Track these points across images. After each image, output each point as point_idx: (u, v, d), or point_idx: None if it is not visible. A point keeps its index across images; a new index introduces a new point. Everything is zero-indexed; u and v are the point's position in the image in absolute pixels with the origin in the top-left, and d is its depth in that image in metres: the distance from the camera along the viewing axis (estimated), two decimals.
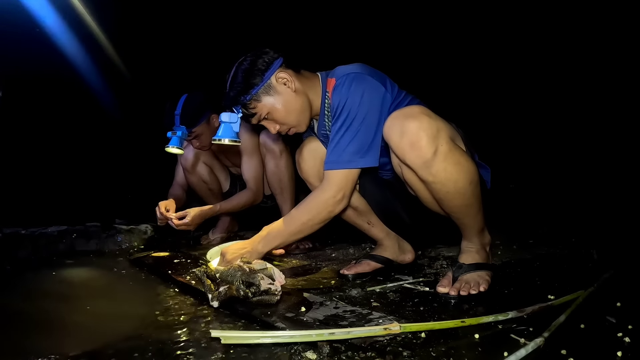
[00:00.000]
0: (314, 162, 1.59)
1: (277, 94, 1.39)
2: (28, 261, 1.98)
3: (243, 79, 1.38)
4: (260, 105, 1.40)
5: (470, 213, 1.32)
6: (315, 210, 1.38)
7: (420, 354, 0.91)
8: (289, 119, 1.43)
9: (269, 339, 0.94)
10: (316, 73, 1.49)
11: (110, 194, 3.65)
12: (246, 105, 1.40)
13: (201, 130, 2.22)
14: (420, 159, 1.21)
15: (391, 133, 1.26)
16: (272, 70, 1.39)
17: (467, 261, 1.37)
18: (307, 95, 1.43)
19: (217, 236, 2.45)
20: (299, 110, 1.43)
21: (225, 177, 2.53)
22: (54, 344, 1.04)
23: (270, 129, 1.46)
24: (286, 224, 1.42)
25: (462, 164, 1.24)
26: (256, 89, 1.38)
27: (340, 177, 1.35)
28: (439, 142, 1.20)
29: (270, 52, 1.41)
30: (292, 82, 1.40)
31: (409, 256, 1.72)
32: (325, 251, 2.07)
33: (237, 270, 1.29)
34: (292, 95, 1.40)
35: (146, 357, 0.95)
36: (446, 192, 1.26)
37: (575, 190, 3.44)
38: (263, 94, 1.39)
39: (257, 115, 1.42)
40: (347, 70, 1.39)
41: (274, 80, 1.39)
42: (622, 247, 1.88)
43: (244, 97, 1.39)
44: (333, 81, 1.40)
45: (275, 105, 1.40)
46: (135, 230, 2.27)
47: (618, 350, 0.88)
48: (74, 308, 1.32)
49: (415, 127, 1.20)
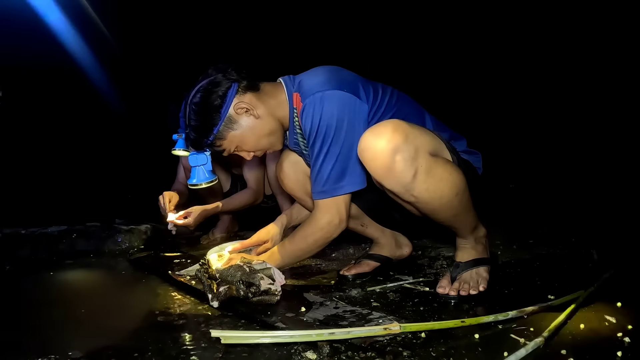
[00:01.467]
0: (296, 176, 1.52)
1: (240, 126, 1.31)
2: (28, 261, 1.98)
3: (199, 121, 1.29)
4: (226, 143, 1.33)
5: (460, 220, 1.28)
6: (312, 239, 1.36)
7: (420, 354, 0.91)
8: (261, 145, 1.36)
9: (269, 339, 0.94)
10: (279, 82, 1.38)
11: (110, 194, 3.65)
12: (212, 145, 1.34)
13: None
14: (399, 184, 1.14)
15: (365, 157, 1.15)
16: (229, 102, 1.29)
17: (463, 259, 1.35)
18: (273, 115, 1.34)
19: (217, 236, 2.45)
20: (268, 134, 1.35)
21: (225, 177, 2.53)
22: (54, 344, 1.04)
23: (245, 157, 1.39)
24: (287, 247, 1.41)
25: (445, 178, 1.17)
26: (216, 128, 1.29)
27: (331, 205, 1.31)
28: (417, 162, 1.12)
29: (223, 81, 1.30)
30: (254, 109, 1.30)
31: (406, 250, 1.72)
32: (325, 251, 2.07)
33: (237, 270, 1.29)
34: (257, 122, 1.31)
35: (146, 357, 0.95)
36: (432, 209, 1.21)
37: (575, 190, 3.44)
38: (226, 131, 1.30)
39: (226, 150, 1.36)
40: (312, 85, 1.27)
41: (233, 113, 1.29)
42: (622, 247, 1.87)
43: (206, 139, 1.31)
44: (298, 98, 1.30)
45: (243, 137, 1.32)
46: (135, 230, 2.27)
47: (618, 350, 0.88)
48: (73, 308, 1.32)
49: (390, 150, 1.09)
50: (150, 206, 2.12)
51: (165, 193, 2.09)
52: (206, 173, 1.47)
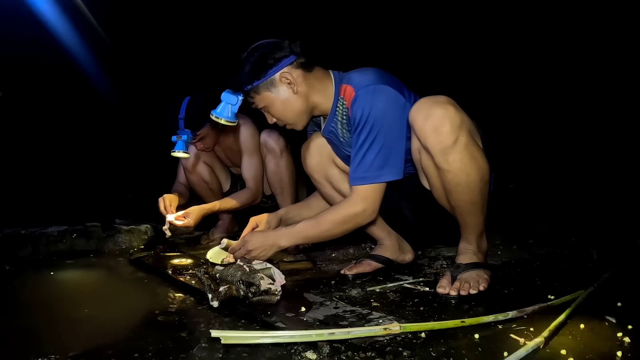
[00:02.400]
0: (320, 158, 1.60)
1: (277, 92, 1.40)
2: (28, 261, 1.98)
3: (249, 70, 1.38)
4: (258, 98, 1.42)
5: (475, 212, 1.33)
6: (342, 223, 1.40)
7: (420, 354, 0.91)
8: (285, 117, 1.45)
9: (269, 339, 0.94)
10: (329, 72, 1.47)
11: (110, 194, 3.65)
12: (247, 93, 1.43)
13: (205, 132, 2.22)
14: (441, 144, 1.24)
15: (417, 116, 1.27)
16: (279, 68, 1.38)
17: (464, 261, 1.37)
18: (309, 98, 1.43)
19: (217, 236, 2.45)
20: (296, 112, 1.43)
21: (225, 177, 2.53)
22: (54, 344, 1.04)
23: (267, 119, 1.49)
24: (310, 227, 1.43)
25: (477, 159, 1.27)
26: (257, 82, 1.38)
27: (369, 192, 1.36)
28: (460, 132, 1.23)
29: (285, 49, 1.39)
30: (295, 85, 1.39)
31: (408, 256, 1.73)
32: (325, 251, 2.07)
33: (237, 270, 1.29)
34: (292, 96, 1.40)
35: (146, 357, 0.95)
36: (457, 183, 1.27)
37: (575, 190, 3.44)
38: (263, 89, 1.40)
39: (254, 105, 1.45)
40: (365, 79, 1.37)
41: (277, 78, 1.39)
42: (622, 247, 1.87)
43: (245, 86, 1.40)
44: (349, 89, 1.39)
45: (274, 101, 1.41)
46: (135, 230, 2.27)
47: (618, 350, 0.88)
48: (73, 308, 1.32)
49: (441, 113, 1.23)
50: (150, 206, 2.12)
51: (165, 196, 2.09)
52: (230, 112, 1.51)
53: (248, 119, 2.37)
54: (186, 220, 2.01)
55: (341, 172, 1.60)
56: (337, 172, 1.60)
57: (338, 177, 1.60)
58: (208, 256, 1.75)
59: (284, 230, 1.46)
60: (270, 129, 2.31)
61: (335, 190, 1.61)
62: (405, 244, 1.73)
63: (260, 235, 1.46)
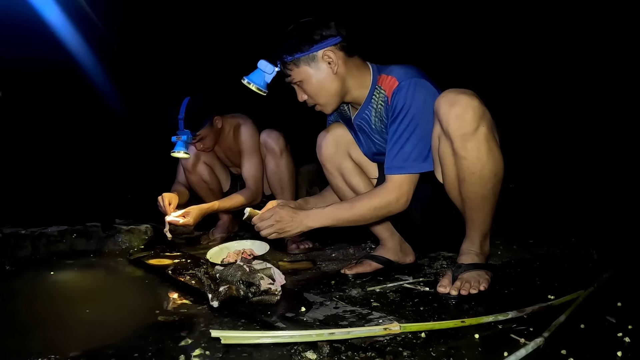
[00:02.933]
0: (336, 149, 1.60)
1: (316, 68, 1.40)
2: (28, 261, 1.98)
3: (293, 41, 1.39)
4: (296, 71, 1.41)
5: (484, 207, 1.34)
6: (376, 209, 1.39)
7: (420, 354, 0.91)
8: (318, 96, 1.45)
9: (269, 339, 0.94)
10: (366, 63, 1.49)
11: (110, 194, 3.65)
12: (285, 64, 1.42)
13: (205, 133, 2.22)
14: (462, 129, 1.26)
15: (442, 102, 1.30)
16: (324, 45, 1.38)
17: (466, 261, 1.37)
18: (345, 82, 1.44)
19: (217, 236, 2.45)
20: (330, 93, 1.44)
21: (225, 177, 2.53)
22: (54, 344, 1.04)
23: (299, 96, 1.48)
24: (343, 209, 1.42)
25: (495, 153, 1.30)
26: (299, 55, 1.38)
27: (405, 182, 1.38)
28: (482, 122, 1.26)
29: (333, 29, 1.40)
30: (336, 65, 1.40)
31: (409, 258, 1.73)
32: (325, 251, 2.07)
33: (237, 270, 1.29)
34: (330, 76, 1.41)
35: (146, 357, 0.95)
36: (472, 172, 1.29)
37: (575, 190, 3.44)
38: (304, 62, 1.40)
39: (289, 78, 1.44)
40: (408, 72, 1.41)
41: (319, 55, 1.39)
42: (622, 247, 1.87)
43: (285, 56, 1.40)
44: (390, 79, 1.42)
45: (311, 78, 1.41)
46: (135, 230, 2.27)
47: (618, 350, 0.88)
48: (73, 308, 1.32)
49: (466, 102, 1.26)
50: (150, 206, 2.12)
51: (165, 195, 2.09)
52: (262, 81, 1.49)
53: (248, 119, 2.37)
54: (186, 219, 2.00)
55: (354, 166, 1.61)
56: (351, 165, 1.61)
57: (351, 171, 1.60)
58: (208, 256, 1.75)
59: (312, 211, 1.44)
60: (270, 129, 2.31)
61: (346, 183, 1.61)
62: (406, 246, 1.73)
63: (289, 210, 1.41)
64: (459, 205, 1.40)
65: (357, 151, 1.62)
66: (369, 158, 1.62)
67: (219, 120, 2.27)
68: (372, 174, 1.66)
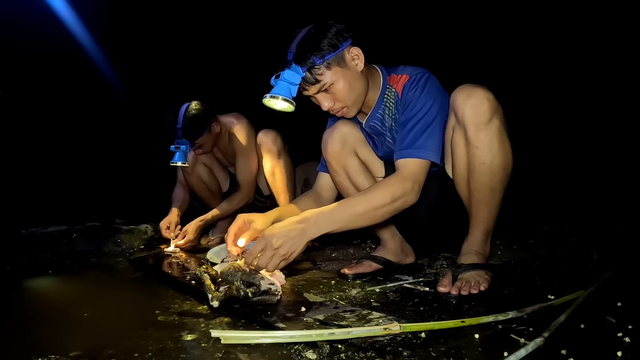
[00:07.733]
0: (342, 146, 1.57)
1: (346, 67, 1.36)
2: (28, 261, 1.98)
3: (320, 40, 1.32)
4: (328, 74, 1.33)
5: (490, 201, 1.34)
6: (390, 197, 1.27)
7: (420, 354, 0.91)
8: (348, 97, 1.38)
9: (269, 339, 0.94)
10: (373, 65, 1.49)
11: (110, 194, 3.65)
12: (313, 69, 1.31)
13: (204, 140, 2.22)
14: (477, 118, 1.29)
15: (459, 94, 1.33)
16: (345, 45, 1.36)
17: (466, 261, 1.37)
18: (367, 79, 1.44)
19: (217, 236, 2.46)
20: (360, 92, 1.41)
21: (224, 177, 2.53)
22: (54, 344, 1.04)
23: (323, 104, 1.39)
24: (358, 202, 1.27)
25: (506, 146, 1.32)
26: (330, 55, 1.32)
27: (416, 168, 1.33)
28: (495, 115, 1.30)
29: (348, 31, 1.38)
30: (362, 62, 1.39)
31: (410, 259, 1.73)
32: (325, 251, 2.07)
33: (237, 270, 1.29)
34: (357, 74, 1.39)
35: (146, 357, 0.95)
36: (482, 162, 1.31)
37: (575, 190, 3.44)
38: (334, 63, 1.33)
39: (319, 84, 1.34)
40: (417, 69, 1.44)
41: (347, 54, 1.36)
42: (622, 247, 1.87)
43: (315, 58, 1.31)
44: (399, 77, 1.44)
45: (341, 78, 1.35)
46: (135, 230, 2.27)
47: (618, 350, 0.88)
48: (73, 308, 1.32)
49: (482, 94, 1.30)
50: (150, 206, 2.13)
51: (162, 224, 2.19)
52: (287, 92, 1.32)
53: (242, 118, 2.36)
54: (187, 238, 2.11)
55: (360, 164, 1.59)
56: (357, 163, 1.58)
57: (356, 169, 1.58)
58: (208, 256, 1.75)
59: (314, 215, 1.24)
60: (267, 129, 2.31)
61: (350, 182, 1.59)
62: (407, 246, 1.73)
63: (280, 228, 1.22)
64: (465, 199, 1.40)
65: (363, 149, 1.60)
66: (387, 160, 1.60)
67: (216, 125, 2.27)
68: (377, 173, 1.64)
